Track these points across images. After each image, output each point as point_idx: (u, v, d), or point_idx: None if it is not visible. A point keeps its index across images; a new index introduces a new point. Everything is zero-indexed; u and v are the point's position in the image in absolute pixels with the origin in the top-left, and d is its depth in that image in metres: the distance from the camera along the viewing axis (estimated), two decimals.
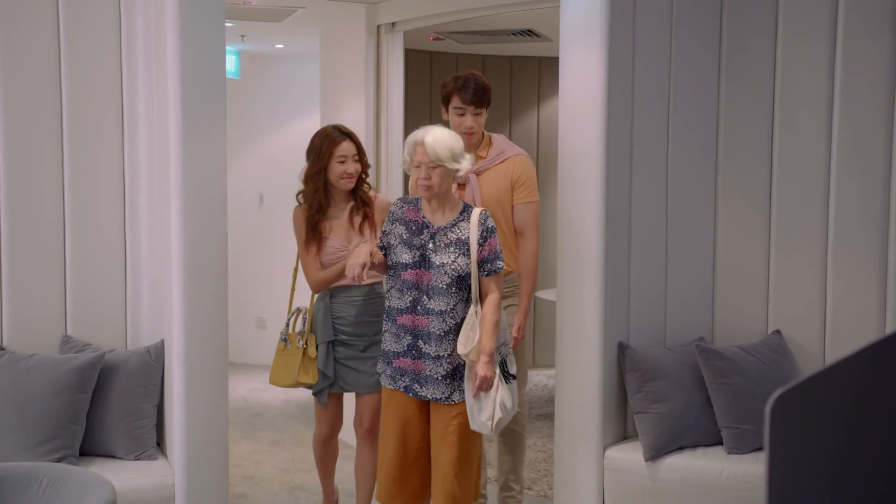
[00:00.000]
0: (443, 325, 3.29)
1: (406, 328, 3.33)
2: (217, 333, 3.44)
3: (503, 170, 3.85)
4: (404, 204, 3.44)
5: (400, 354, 3.35)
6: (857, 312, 3.80)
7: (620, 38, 3.60)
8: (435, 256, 3.29)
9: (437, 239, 3.32)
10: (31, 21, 3.53)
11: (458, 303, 3.30)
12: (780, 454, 1.28)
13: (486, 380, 3.22)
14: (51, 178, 3.57)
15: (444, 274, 3.28)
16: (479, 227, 3.30)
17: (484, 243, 3.30)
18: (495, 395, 3.24)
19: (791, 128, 3.83)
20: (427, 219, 3.36)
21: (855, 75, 3.73)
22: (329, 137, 3.70)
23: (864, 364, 1.25)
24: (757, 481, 3.46)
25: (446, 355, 3.30)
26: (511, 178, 3.84)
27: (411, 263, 3.32)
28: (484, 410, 3.24)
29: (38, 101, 3.54)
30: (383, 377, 3.44)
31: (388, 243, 3.41)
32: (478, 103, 3.72)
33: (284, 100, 7.46)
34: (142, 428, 3.46)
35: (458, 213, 3.36)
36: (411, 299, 3.32)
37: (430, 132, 3.28)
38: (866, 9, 3.70)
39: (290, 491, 4.63)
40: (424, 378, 3.32)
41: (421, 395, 3.34)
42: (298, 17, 5.57)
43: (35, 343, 3.53)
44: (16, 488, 2.74)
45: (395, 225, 3.41)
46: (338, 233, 3.72)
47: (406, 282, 3.32)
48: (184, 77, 3.25)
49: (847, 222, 3.79)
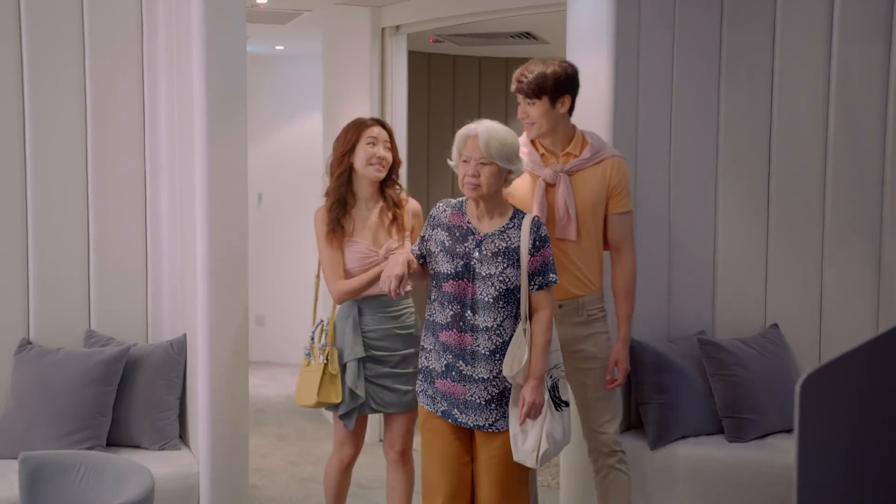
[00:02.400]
0: (489, 343, 2.95)
1: (446, 346, 3.00)
2: (239, 328, 3.54)
3: (598, 173, 3.32)
4: (447, 207, 3.10)
5: (441, 375, 3.03)
6: (851, 307, 3.96)
7: (626, 42, 3.74)
8: (481, 267, 2.95)
9: (484, 247, 2.97)
10: (57, 26, 3.65)
11: (505, 318, 2.95)
12: (810, 433, 1.33)
13: (533, 406, 2.93)
14: (75, 179, 3.70)
15: (491, 286, 2.93)
16: (531, 235, 2.96)
17: (536, 253, 2.96)
18: (543, 423, 2.94)
19: (788, 128, 3.98)
20: (472, 224, 3.02)
21: (849, 78, 3.88)
22: (358, 121, 3.41)
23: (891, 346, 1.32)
24: (757, 468, 3.60)
25: (491, 378, 2.96)
26: (607, 184, 3.31)
27: (453, 274, 2.97)
28: (529, 440, 2.94)
29: (62, 107, 3.67)
30: (422, 395, 3.11)
31: (428, 250, 3.07)
32: (527, 93, 3.27)
33: (283, 100, 7.55)
34: (165, 419, 3.56)
35: (507, 219, 3.01)
36: (452, 314, 2.97)
37: (484, 125, 2.98)
38: (860, 15, 3.85)
39: (300, 482, 4.74)
40: (465, 403, 2.99)
41: (461, 422, 3.02)
42: (303, 19, 5.67)
43: (60, 337, 3.64)
44: (53, 475, 2.82)
45: (436, 230, 3.07)
46: (364, 234, 3.35)
47: (447, 294, 2.98)
48: (209, 79, 3.34)
49: (841, 221, 3.94)
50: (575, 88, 3.30)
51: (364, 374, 3.33)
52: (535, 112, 3.26)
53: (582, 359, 3.33)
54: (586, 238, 3.29)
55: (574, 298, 3.30)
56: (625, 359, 3.35)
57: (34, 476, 2.79)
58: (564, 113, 3.29)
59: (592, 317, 3.35)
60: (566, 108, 3.28)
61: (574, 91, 3.30)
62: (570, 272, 3.27)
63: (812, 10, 3.91)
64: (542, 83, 3.22)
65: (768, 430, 3.77)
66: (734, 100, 3.99)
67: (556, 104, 3.24)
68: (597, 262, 3.36)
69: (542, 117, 3.26)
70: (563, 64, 3.29)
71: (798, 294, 4.01)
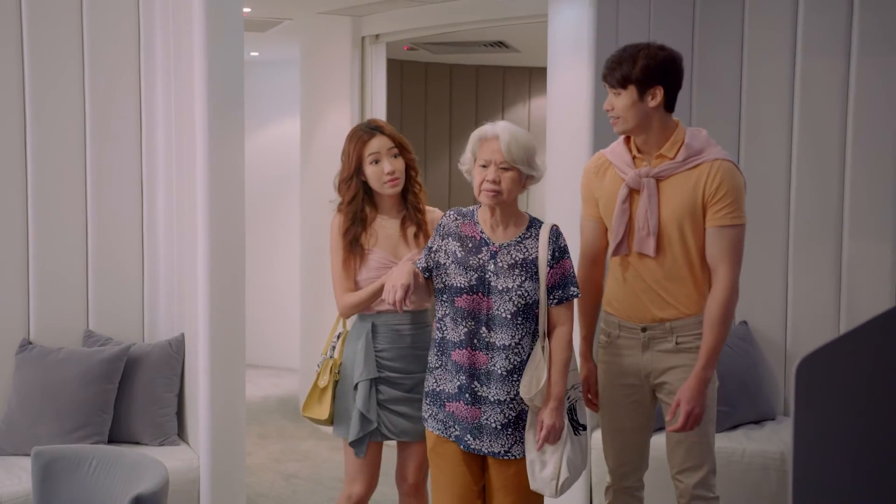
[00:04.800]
0: (506, 363, 2.73)
1: (460, 366, 2.77)
2: (237, 327, 3.66)
3: (692, 179, 2.82)
4: (458, 216, 2.87)
5: (453, 397, 2.80)
6: (815, 304, 4.18)
7: (605, 53, 3.91)
8: (496, 280, 2.73)
9: (499, 258, 2.75)
10: (57, 32, 3.76)
11: (524, 336, 2.74)
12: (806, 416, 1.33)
13: (553, 429, 2.71)
14: (74, 184, 3.82)
15: (508, 301, 2.71)
16: (550, 245, 2.75)
17: (555, 265, 2.75)
18: (563, 448, 2.73)
19: (755, 134, 4.20)
20: (486, 235, 2.80)
21: (812, 88, 4.11)
22: (355, 136, 3.09)
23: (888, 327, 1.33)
24: (729, 456, 3.76)
25: (508, 400, 2.74)
26: (703, 191, 2.81)
27: (467, 288, 2.75)
28: (548, 466, 2.73)
29: (62, 110, 3.79)
30: (430, 420, 2.88)
31: (437, 262, 2.84)
32: (612, 81, 2.84)
33: (257, 107, 7.64)
34: (165, 416, 3.67)
35: (524, 229, 2.80)
36: (466, 331, 2.76)
37: (503, 125, 2.77)
38: (823, 30, 4.08)
39: (286, 479, 4.86)
40: (479, 428, 2.77)
41: (474, 449, 2.79)
42: (283, 27, 5.79)
43: (59, 337, 3.74)
44: (65, 469, 2.91)
45: (446, 241, 2.84)
46: (384, 245, 3.08)
47: (460, 310, 2.76)
48: (210, 85, 3.46)
49: (805, 223, 4.16)
50: (669, 78, 2.84)
51: (377, 398, 3.05)
52: (620, 104, 2.83)
53: (666, 392, 2.94)
54: (670, 254, 2.86)
55: (661, 322, 2.90)
56: (691, 399, 2.79)
57: (46, 470, 2.88)
58: (657, 107, 2.82)
59: (683, 345, 2.89)
60: (658, 102, 2.81)
61: (668, 81, 2.83)
62: (651, 291, 2.90)
63: (777, 26, 4.13)
64: (628, 70, 2.80)
65: (739, 422, 3.97)
66: (705, 108, 4.20)
67: (645, 96, 2.80)
68: (689, 282, 2.88)
69: (627, 110, 2.82)
70: (654, 48, 2.85)
71: (765, 293, 4.23)
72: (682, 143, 2.84)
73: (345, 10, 5.25)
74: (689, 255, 2.86)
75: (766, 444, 3.77)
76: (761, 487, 3.70)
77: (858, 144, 4.02)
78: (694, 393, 2.78)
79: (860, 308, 4.05)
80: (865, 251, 4.05)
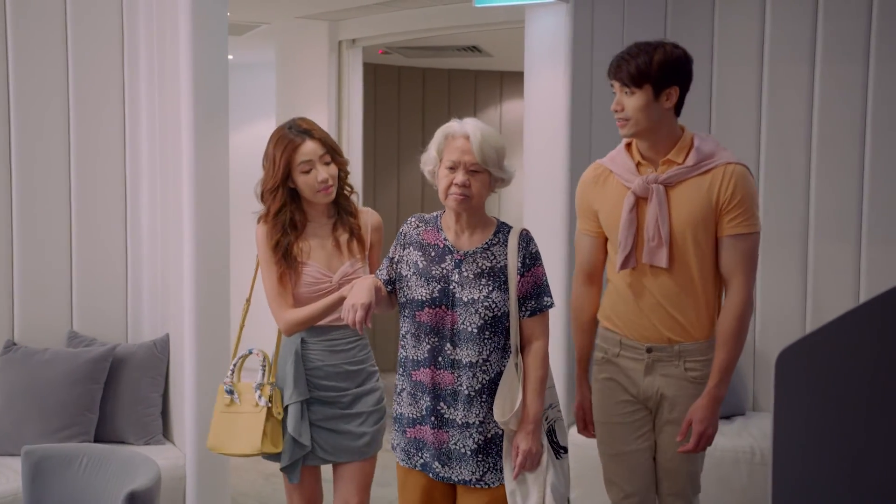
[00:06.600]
0: (473, 382, 2.48)
1: (423, 386, 2.52)
2: (222, 327, 3.70)
3: (705, 184, 2.63)
4: (420, 222, 2.63)
5: (417, 421, 2.56)
6: (783, 304, 4.31)
7: (581, 59, 4.04)
8: (461, 291, 2.49)
9: (464, 268, 2.51)
10: (41, 35, 3.79)
11: (492, 352, 2.49)
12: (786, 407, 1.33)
13: (529, 455, 2.47)
14: (58, 188, 3.86)
15: (474, 313, 2.47)
16: (520, 251, 2.51)
17: (527, 273, 2.50)
18: (546, 475, 2.49)
19: (723, 139, 4.22)
20: (450, 242, 2.55)
21: (779, 94, 4.24)
22: (283, 141, 2.84)
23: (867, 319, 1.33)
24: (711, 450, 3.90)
25: (477, 423, 2.49)
26: (715, 197, 2.61)
27: (429, 300, 2.50)
28: (530, 496, 2.48)
29: (46, 113, 3.83)
30: (396, 451, 2.64)
31: (399, 274, 2.60)
32: (625, 78, 2.61)
33: (232, 110, 7.65)
34: (150, 416, 3.72)
35: (491, 234, 2.55)
36: (429, 348, 2.51)
37: (473, 124, 2.51)
38: (789, 39, 4.22)
39: (266, 478, 4.90)
40: (448, 454, 2.52)
41: (443, 477, 2.55)
42: (260, 31, 5.84)
43: (44, 338, 3.77)
44: (56, 467, 2.94)
45: (407, 250, 2.60)
46: (317, 257, 2.85)
47: (422, 325, 2.51)
48: (196, 89, 3.51)
49: (773, 226, 4.29)
50: (684, 78, 2.65)
51: (309, 418, 2.83)
52: (632, 104, 2.61)
53: (664, 421, 2.74)
54: (682, 267, 2.64)
55: (669, 344, 2.68)
56: (703, 419, 2.61)
57: (37, 468, 2.90)
58: (670, 109, 2.64)
59: (692, 372, 2.68)
60: (672, 103, 2.63)
61: (684, 82, 2.65)
62: (661, 309, 2.67)
63: (743, 32, 4.27)
64: (645, 67, 2.58)
65: None
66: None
67: (661, 96, 2.60)
68: (702, 301, 2.66)
69: (639, 111, 2.60)
70: (669, 45, 2.64)
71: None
72: (691, 148, 2.65)
73: (322, 14, 5.31)
74: (703, 267, 2.64)
75: (737, 439, 3.89)
76: (732, 481, 3.82)
77: (823, 149, 4.15)
78: (707, 413, 2.61)
79: (826, 308, 4.19)
80: (831, 253, 4.19)
